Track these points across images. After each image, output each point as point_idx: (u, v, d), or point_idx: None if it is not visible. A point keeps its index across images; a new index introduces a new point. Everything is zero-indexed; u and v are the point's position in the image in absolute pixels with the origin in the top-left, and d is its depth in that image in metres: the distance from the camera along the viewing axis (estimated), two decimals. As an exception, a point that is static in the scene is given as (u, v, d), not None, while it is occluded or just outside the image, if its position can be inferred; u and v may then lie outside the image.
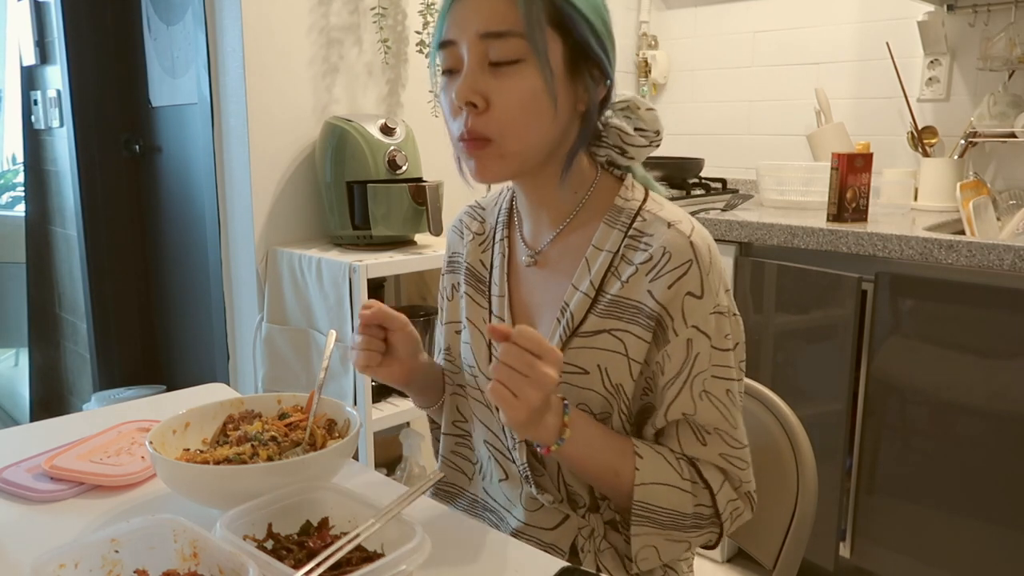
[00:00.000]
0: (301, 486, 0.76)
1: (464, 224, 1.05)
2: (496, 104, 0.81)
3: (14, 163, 3.78)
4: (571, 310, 0.88)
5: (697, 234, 0.86)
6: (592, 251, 0.89)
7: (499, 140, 0.82)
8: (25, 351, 3.28)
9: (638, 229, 0.88)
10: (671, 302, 0.84)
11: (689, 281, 0.83)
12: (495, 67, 0.81)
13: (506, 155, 0.83)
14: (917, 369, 1.74)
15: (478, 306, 0.98)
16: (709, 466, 0.88)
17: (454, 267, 1.05)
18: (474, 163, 0.85)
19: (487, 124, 0.82)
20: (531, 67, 0.81)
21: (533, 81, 0.81)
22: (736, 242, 1.99)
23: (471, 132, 0.82)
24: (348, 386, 1.83)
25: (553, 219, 0.93)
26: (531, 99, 0.81)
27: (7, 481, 0.89)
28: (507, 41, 0.80)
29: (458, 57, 0.83)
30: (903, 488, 1.80)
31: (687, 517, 0.86)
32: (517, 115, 0.82)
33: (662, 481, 0.85)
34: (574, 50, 0.83)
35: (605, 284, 0.87)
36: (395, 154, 1.92)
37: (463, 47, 0.82)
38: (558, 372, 0.77)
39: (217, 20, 1.99)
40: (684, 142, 2.85)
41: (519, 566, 0.75)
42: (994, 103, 2.09)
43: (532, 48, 0.80)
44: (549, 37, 0.81)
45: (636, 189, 0.92)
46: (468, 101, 0.82)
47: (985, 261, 1.61)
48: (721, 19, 2.71)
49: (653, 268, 0.84)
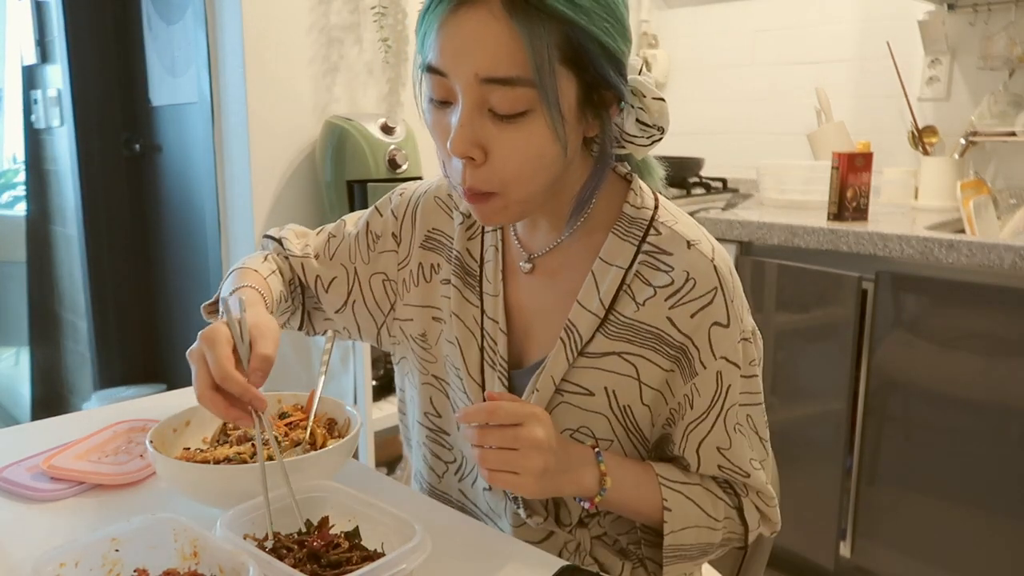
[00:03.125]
0: (301, 485, 0.76)
1: (453, 200, 0.93)
2: (497, 157, 0.71)
3: (14, 162, 3.78)
4: (579, 330, 0.81)
5: (719, 256, 0.80)
6: (600, 265, 0.81)
7: (502, 193, 0.74)
8: (25, 350, 3.28)
9: (654, 244, 0.81)
10: (696, 332, 0.79)
11: (715, 311, 0.78)
12: (496, 115, 0.70)
13: (510, 205, 0.75)
14: (917, 368, 1.74)
15: (468, 303, 0.88)
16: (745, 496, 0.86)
17: (434, 246, 0.92)
18: (476, 211, 0.77)
19: (488, 179, 0.73)
20: (539, 116, 0.70)
21: (540, 132, 0.70)
22: (736, 241, 1.99)
23: (471, 189, 0.74)
24: (348, 385, 1.83)
25: (554, 224, 0.84)
26: (537, 152, 0.71)
27: (7, 480, 0.89)
28: (512, 89, 0.68)
29: (450, 90, 0.71)
30: (903, 487, 1.80)
31: (714, 546, 0.86)
32: (521, 168, 0.72)
33: (692, 524, 0.83)
34: (588, 86, 0.72)
35: (617, 304, 0.81)
36: (395, 153, 1.92)
37: (457, 85, 0.70)
38: (545, 428, 0.74)
39: (217, 19, 1.99)
40: (684, 141, 2.85)
41: (519, 565, 0.75)
42: (994, 102, 2.09)
43: (542, 98, 0.69)
44: (561, 77, 0.69)
45: (645, 194, 0.84)
46: (466, 155, 0.71)
47: (985, 260, 1.60)
48: (721, 18, 2.71)
49: (675, 294, 0.79)
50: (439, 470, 0.95)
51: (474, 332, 0.87)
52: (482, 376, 0.87)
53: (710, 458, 0.83)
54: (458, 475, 0.94)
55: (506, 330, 0.86)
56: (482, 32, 0.68)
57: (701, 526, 0.83)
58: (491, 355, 0.86)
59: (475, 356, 0.87)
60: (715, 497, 0.85)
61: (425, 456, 0.96)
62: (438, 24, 0.70)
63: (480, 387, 0.87)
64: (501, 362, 0.86)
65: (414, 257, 0.93)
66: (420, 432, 0.96)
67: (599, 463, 0.79)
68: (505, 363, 0.86)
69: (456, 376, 0.90)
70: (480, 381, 0.87)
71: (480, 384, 0.87)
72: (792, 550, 1.95)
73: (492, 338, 0.86)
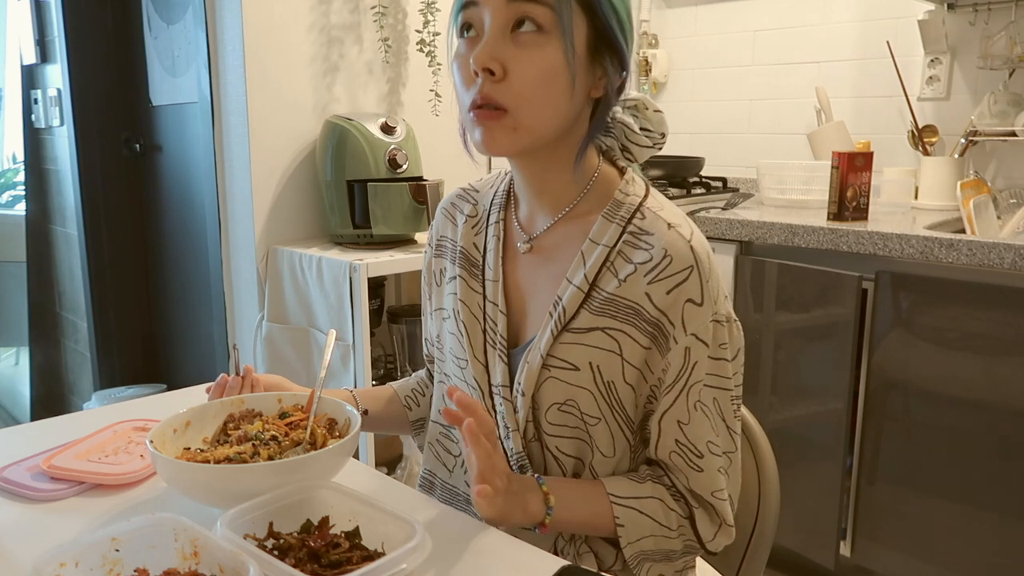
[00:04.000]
0: (302, 485, 0.76)
1: (456, 207, 1.02)
2: (514, 73, 0.79)
3: (14, 162, 3.78)
4: (563, 304, 0.87)
5: (696, 239, 0.85)
6: (588, 244, 0.87)
7: (513, 111, 0.80)
8: (25, 350, 3.28)
9: (637, 226, 0.86)
10: (671, 308, 0.83)
11: (689, 288, 0.83)
12: (517, 36, 0.79)
13: (518, 127, 0.81)
14: (917, 368, 1.74)
15: (472, 290, 0.95)
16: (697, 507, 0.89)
17: (442, 251, 1.02)
18: (483, 132, 0.82)
19: (503, 93, 0.80)
20: (554, 41, 0.79)
21: (555, 55, 0.79)
22: (736, 241, 1.99)
23: (485, 98, 0.80)
24: (349, 385, 1.83)
25: (552, 206, 0.91)
26: (551, 73, 0.80)
27: (8, 480, 0.89)
28: (535, 6, 0.78)
29: (479, 20, 0.81)
30: (903, 486, 1.80)
31: (677, 552, 0.90)
32: (535, 87, 0.80)
33: (648, 534, 0.86)
34: (597, 33, 0.82)
35: (600, 280, 0.86)
36: (395, 153, 1.92)
37: (486, 10, 0.80)
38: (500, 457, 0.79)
39: (218, 19, 1.99)
40: (684, 141, 2.85)
41: (519, 565, 0.75)
42: (994, 102, 2.09)
43: (558, 20, 0.79)
44: (575, 14, 0.80)
45: (636, 184, 0.90)
46: (486, 67, 0.79)
47: (985, 260, 1.60)
48: (722, 18, 2.71)
49: (652, 270, 0.83)
50: (449, 464, 1.01)
51: (478, 317, 0.94)
52: (485, 356, 0.92)
53: (669, 431, 0.86)
54: (464, 468, 0.98)
55: (505, 311, 0.92)
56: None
57: (657, 535, 0.87)
58: (492, 336, 0.92)
59: (479, 339, 0.93)
60: (667, 508, 0.88)
61: (438, 453, 1.02)
62: None
63: (484, 367, 0.92)
64: (501, 342, 0.91)
65: (434, 266, 1.03)
66: (434, 429, 1.02)
67: (540, 486, 0.83)
68: (505, 342, 0.91)
69: (456, 366, 0.95)
70: (484, 361, 0.93)
71: (484, 364, 0.92)
72: (792, 550, 1.95)
73: (493, 320, 0.92)
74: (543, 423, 0.89)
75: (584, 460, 0.89)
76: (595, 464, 0.89)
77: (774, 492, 1.02)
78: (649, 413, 0.88)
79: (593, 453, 0.88)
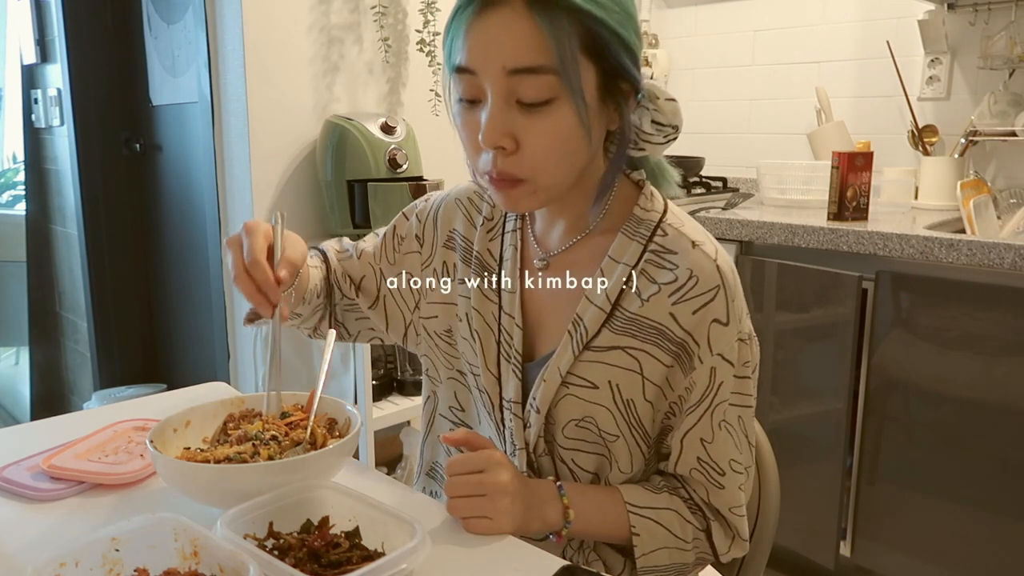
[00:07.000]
0: (302, 485, 0.76)
1: (474, 205, 0.98)
2: (527, 144, 0.76)
3: (14, 162, 3.78)
4: (585, 324, 0.85)
5: (722, 257, 0.83)
6: (608, 262, 0.85)
7: (531, 179, 0.78)
8: (25, 350, 3.28)
9: (659, 244, 0.84)
10: (696, 328, 0.81)
11: (716, 308, 0.81)
12: (523, 105, 0.75)
13: (538, 191, 0.79)
14: (918, 368, 1.74)
15: (487, 300, 0.93)
16: (714, 520, 0.88)
17: (453, 244, 0.97)
18: (503, 197, 0.80)
19: (518, 165, 0.77)
20: (564, 103, 0.75)
21: (567, 117, 0.75)
22: (736, 241, 1.99)
23: (501, 174, 0.78)
24: (349, 385, 1.83)
25: (570, 225, 0.89)
26: (564, 136, 0.76)
27: (7, 480, 0.89)
28: (537, 78, 0.73)
29: (479, 88, 0.76)
30: (903, 487, 1.80)
31: (689, 566, 0.89)
32: (549, 154, 0.77)
33: (662, 546, 0.86)
34: (608, 74, 0.77)
35: (622, 299, 0.84)
36: (395, 153, 1.92)
37: (486, 81, 0.75)
38: (507, 470, 0.79)
39: (218, 19, 1.99)
40: (685, 141, 2.84)
41: (519, 565, 0.75)
42: (994, 102, 2.09)
43: (566, 85, 0.74)
44: (582, 65, 0.75)
45: (655, 199, 0.88)
46: (497, 145, 0.76)
47: (985, 260, 1.60)
48: (722, 18, 2.71)
49: (678, 290, 0.82)
50: None
51: (492, 327, 0.92)
52: (498, 369, 0.91)
53: (691, 449, 0.85)
54: None
55: (521, 325, 0.90)
56: (507, 29, 0.73)
57: (671, 547, 0.86)
58: (507, 349, 0.90)
59: (492, 350, 0.91)
60: (683, 520, 0.87)
61: (449, 449, 1.01)
62: (466, 27, 0.76)
63: (496, 380, 0.91)
64: (516, 355, 0.90)
65: (438, 256, 0.98)
66: (445, 426, 1.01)
67: (561, 497, 0.83)
68: (519, 356, 0.89)
69: (471, 372, 0.94)
70: (497, 374, 0.91)
71: (496, 377, 0.91)
72: (792, 550, 1.95)
73: (508, 332, 0.90)
74: (559, 438, 0.88)
75: (601, 475, 0.89)
76: (611, 478, 0.88)
77: (774, 492, 1.02)
78: (667, 429, 0.87)
79: (612, 468, 0.88)
